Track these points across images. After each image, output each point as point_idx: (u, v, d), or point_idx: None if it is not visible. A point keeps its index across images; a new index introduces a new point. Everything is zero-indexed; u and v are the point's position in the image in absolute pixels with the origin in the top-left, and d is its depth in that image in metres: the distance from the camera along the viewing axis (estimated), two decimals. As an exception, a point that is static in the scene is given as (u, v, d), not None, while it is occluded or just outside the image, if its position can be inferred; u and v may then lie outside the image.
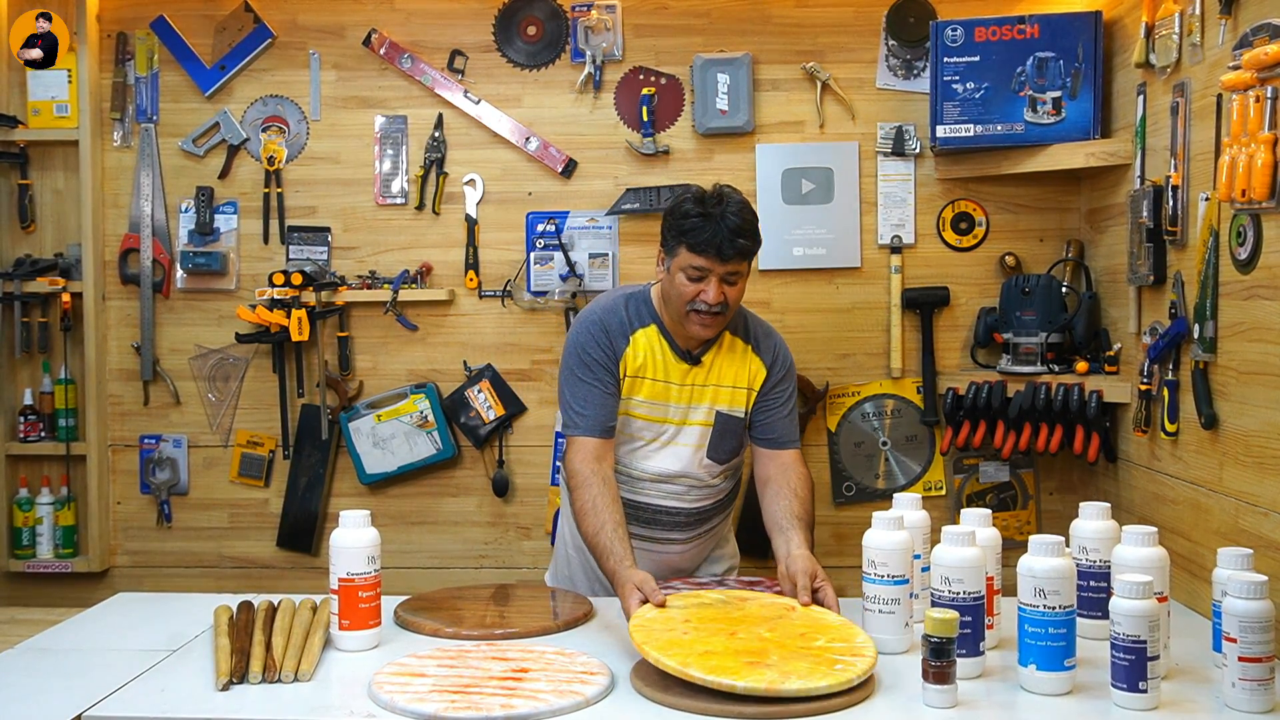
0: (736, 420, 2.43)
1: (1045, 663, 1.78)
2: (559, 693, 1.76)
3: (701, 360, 2.42)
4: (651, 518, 2.48)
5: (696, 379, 2.41)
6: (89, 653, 2.05)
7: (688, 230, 2.27)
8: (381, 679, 1.82)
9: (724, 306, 2.30)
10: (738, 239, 2.26)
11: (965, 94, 2.91)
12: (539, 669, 1.86)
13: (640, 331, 2.41)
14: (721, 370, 2.42)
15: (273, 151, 3.24)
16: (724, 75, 3.12)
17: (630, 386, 2.40)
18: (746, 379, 2.43)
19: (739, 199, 2.32)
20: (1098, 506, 2.06)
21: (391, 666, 1.88)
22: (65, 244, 3.27)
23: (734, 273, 2.30)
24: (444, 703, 1.71)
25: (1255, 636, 1.70)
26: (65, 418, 3.25)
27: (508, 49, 3.21)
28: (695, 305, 2.30)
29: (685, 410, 2.42)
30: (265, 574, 3.27)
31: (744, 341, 2.45)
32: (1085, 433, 2.83)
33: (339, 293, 3.18)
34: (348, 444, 3.22)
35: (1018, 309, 2.97)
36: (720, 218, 2.26)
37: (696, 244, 2.26)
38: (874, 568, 1.96)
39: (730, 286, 2.30)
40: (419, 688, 1.78)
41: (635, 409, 2.42)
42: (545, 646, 2.00)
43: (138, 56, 3.25)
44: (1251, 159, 2.02)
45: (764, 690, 1.69)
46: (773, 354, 2.46)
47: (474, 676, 1.83)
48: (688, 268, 2.28)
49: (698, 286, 2.29)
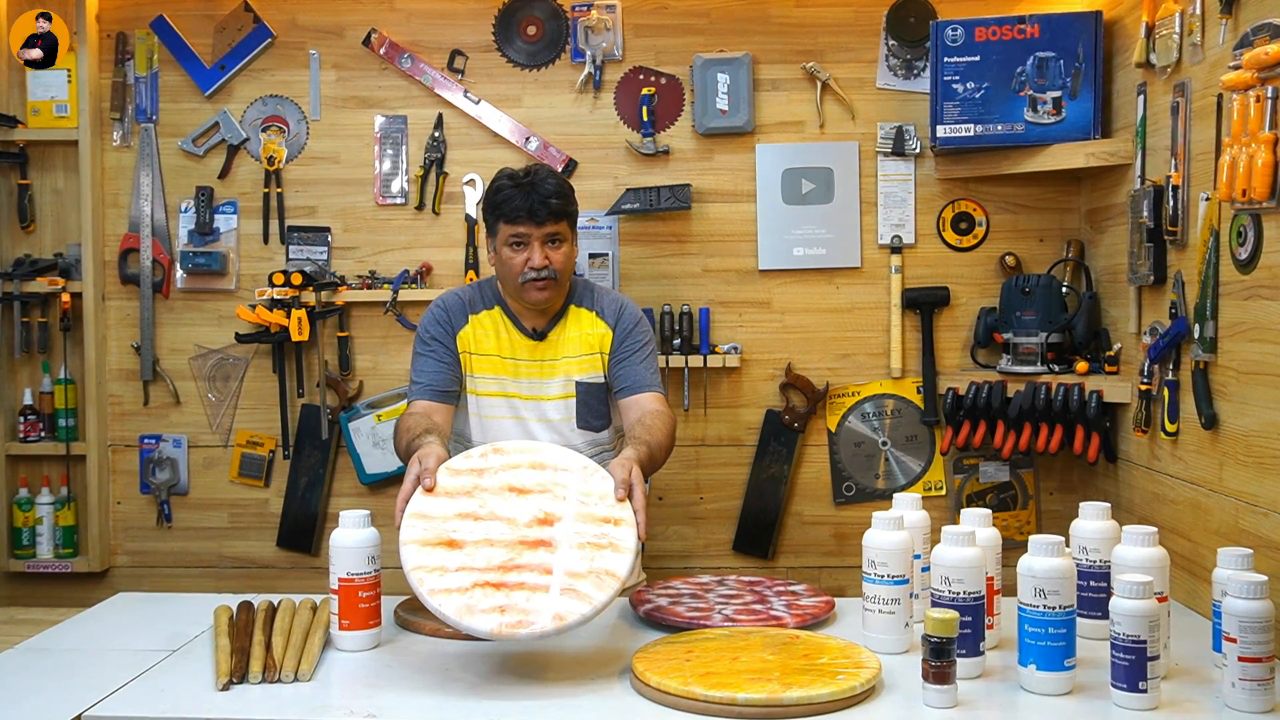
0: (598, 386, 2.51)
1: (1045, 663, 1.78)
2: (594, 574, 1.84)
3: (548, 336, 2.51)
4: None
5: (546, 354, 2.50)
6: (89, 653, 2.05)
7: (501, 203, 2.41)
8: (416, 567, 1.86)
9: (552, 271, 2.40)
10: (550, 199, 2.39)
11: (965, 94, 2.91)
12: (566, 520, 1.94)
13: (482, 313, 2.52)
14: (570, 343, 2.51)
15: (272, 151, 3.24)
16: (724, 75, 3.13)
17: (472, 363, 2.50)
18: (596, 344, 2.51)
19: (548, 169, 2.47)
20: (1098, 506, 2.06)
21: (415, 525, 1.93)
22: (65, 244, 3.27)
23: (554, 234, 2.41)
24: (493, 608, 1.79)
25: (1255, 636, 1.70)
26: (65, 418, 3.25)
27: (508, 49, 3.21)
28: (525, 275, 2.40)
29: (540, 385, 2.50)
30: (265, 574, 3.27)
31: (589, 310, 2.53)
32: (1085, 433, 2.83)
33: (339, 293, 3.19)
34: (348, 444, 3.22)
35: (1018, 309, 2.97)
36: (530, 186, 2.39)
37: (510, 212, 2.39)
38: (874, 568, 1.96)
39: (554, 249, 2.41)
40: (455, 580, 1.83)
41: (481, 386, 2.50)
42: (556, 467, 2.06)
43: (137, 56, 3.25)
44: (1252, 159, 2.02)
45: (765, 700, 1.69)
46: (616, 314, 2.53)
47: (504, 542, 1.90)
48: (509, 239, 2.40)
49: (523, 254, 2.40)
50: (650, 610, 2.18)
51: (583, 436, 2.52)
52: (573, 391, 2.50)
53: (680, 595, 2.30)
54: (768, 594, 2.31)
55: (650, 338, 2.56)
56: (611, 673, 1.89)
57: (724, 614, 2.16)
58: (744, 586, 2.38)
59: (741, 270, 3.19)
